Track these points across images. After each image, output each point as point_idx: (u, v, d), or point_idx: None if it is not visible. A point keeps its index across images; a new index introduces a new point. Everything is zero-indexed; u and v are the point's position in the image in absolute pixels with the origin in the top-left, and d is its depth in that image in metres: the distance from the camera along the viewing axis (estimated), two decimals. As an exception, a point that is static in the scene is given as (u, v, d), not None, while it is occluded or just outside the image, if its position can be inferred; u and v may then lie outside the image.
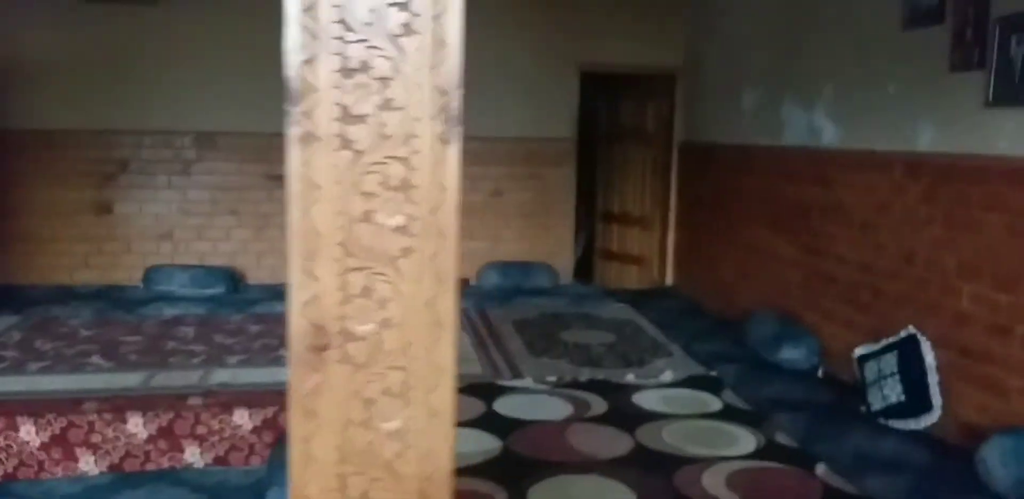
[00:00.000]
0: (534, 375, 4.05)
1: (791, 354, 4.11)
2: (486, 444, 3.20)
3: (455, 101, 0.99)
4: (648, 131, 6.25)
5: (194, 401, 3.65)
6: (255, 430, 3.61)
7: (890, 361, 3.33)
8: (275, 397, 3.70)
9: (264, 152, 5.25)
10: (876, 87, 3.64)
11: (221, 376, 4.01)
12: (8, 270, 5.43)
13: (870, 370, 3.46)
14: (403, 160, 1.00)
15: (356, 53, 0.96)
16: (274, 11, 1.11)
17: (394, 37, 0.96)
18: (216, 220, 5.63)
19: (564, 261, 6.12)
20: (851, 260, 3.85)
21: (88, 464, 3.48)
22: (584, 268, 6.72)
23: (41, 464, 3.43)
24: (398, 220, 1.01)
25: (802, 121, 4.33)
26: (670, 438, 3.30)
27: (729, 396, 3.82)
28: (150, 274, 5.56)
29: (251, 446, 3.60)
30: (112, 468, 3.51)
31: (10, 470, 3.39)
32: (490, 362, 4.30)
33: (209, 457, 3.58)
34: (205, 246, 5.66)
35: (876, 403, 3.35)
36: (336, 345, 1.04)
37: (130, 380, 3.92)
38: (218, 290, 5.57)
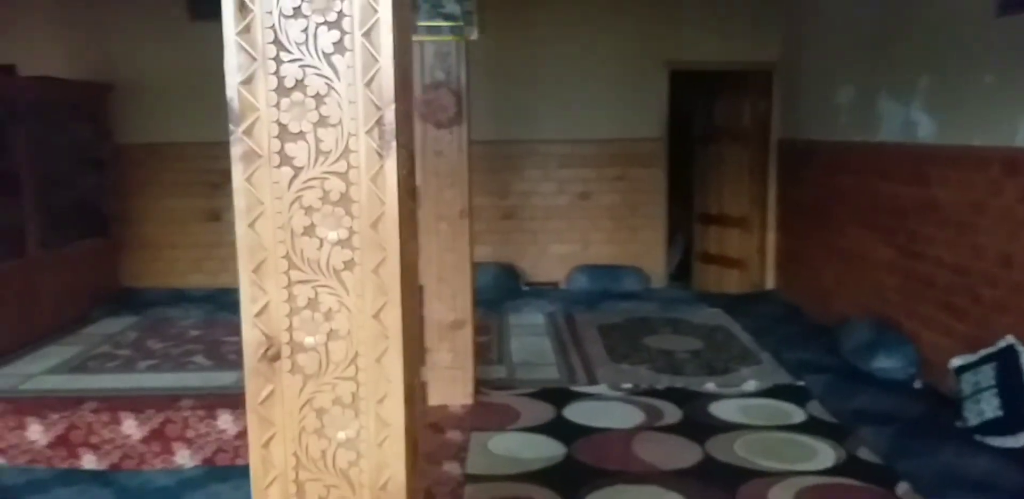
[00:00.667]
0: (610, 381, 4.00)
1: (886, 363, 3.87)
2: (550, 450, 3.19)
3: (389, 115, 1.00)
4: (745, 129, 6.03)
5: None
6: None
7: (987, 373, 3.07)
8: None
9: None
10: (972, 77, 3.37)
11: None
12: (129, 274, 5.87)
13: (967, 382, 3.20)
14: (341, 175, 1.02)
15: (291, 72, 0.99)
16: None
17: (327, 55, 0.98)
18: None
19: (655, 264, 6.00)
20: (948, 263, 3.58)
21: (183, 457, 3.71)
22: (685, 271, 6.56)
23: (142, 456, 3.68)
24: (340, 234, 1.03)
25: (898, 115, 4.06)
26: (743, 450, 3.18)
27: (814, 407, 3.63)
28: (255, 278, 5.87)
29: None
30: (205, 462, 3.73)
31: (115, 461, 3.66)
32: (568, 367, 4.28)
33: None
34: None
35: (972, 418, 3.10)
36: (286, 355, 1.07)
37: (225, 379, 4.15)
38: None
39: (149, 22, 5.53)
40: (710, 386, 3.93)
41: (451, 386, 3.65)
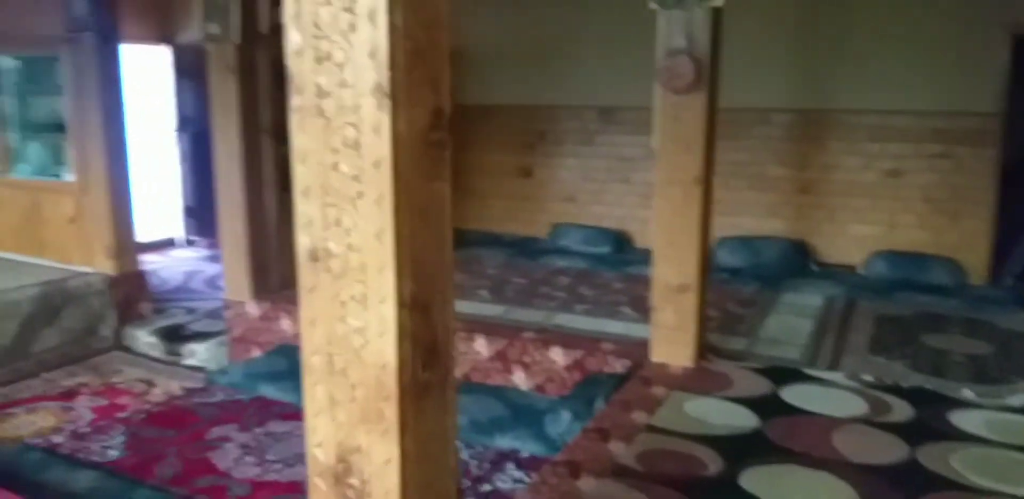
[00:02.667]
0: (851, 371, 3.78)
1: None
2: (742, 421, 3.20)
3: (385, 80, 1.28)
4: None
5: (527, 335, 4.31)
6: (567, 367, 4.13)
7: None
8: (589, 343, 4.16)
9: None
10: None
11: (560, 319, 4.61)
12: (457, 217, 6.82)
13: None
14: (354, 125, 1.33)
15: (323, 46, 1.32)
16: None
17: (344, 33, 1.30)
18: (610, 186, 6.24)
19: (975, 257, 5.28)
20: None
21: (446, 370, 4.39)
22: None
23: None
24: (353, 171, 1.35)
25: None
26: (958, 463, 2.86)
27: (1090, 437, 3.08)
28: (555, 230, 6.45)
29: (563, 380, 4.13)
30: (464, 377, 4.38)
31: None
32: (813, 350, 4.11)
33: (531, 383, 4.23)
34: (601, 209, 6.32)
35: None
36: (322, 258, 1.44)
37: (494, 310, 4.77)
38: (605, 249, 6.21)
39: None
40: (966, 393, 3.51)
41: (672, 347, 3.79)
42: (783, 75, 5.53)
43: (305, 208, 1.43)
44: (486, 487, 3.30)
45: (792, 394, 3.49)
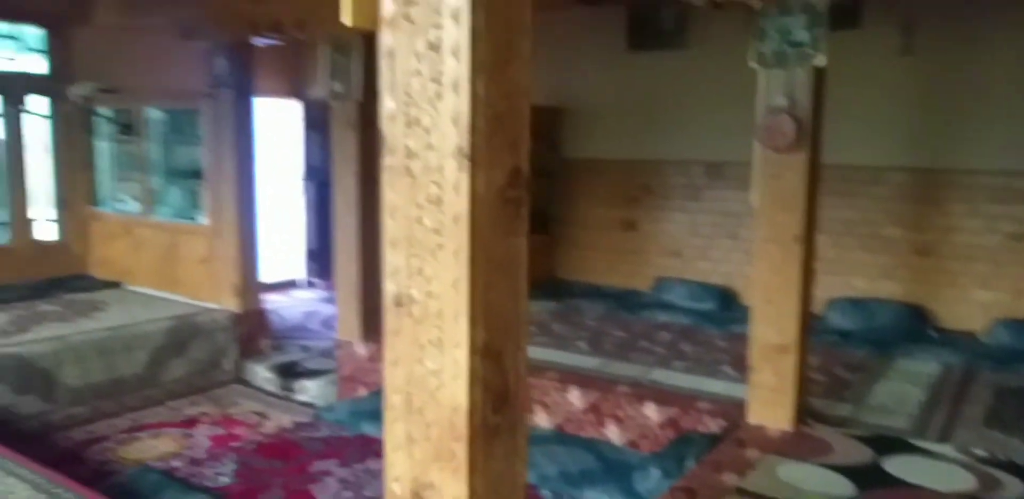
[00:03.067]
0: (961, 444, 3.56)
1: None
2: (837, 489, 3.08)
3: (466, 143, 1.41)
4: None
5: (622, 388, 4.31)
6: (660, 425, 4.09)
7: None
8: (684, 400, 4.12)
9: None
10: None
11: (657, 374, 4.58)
12: (559, 267, 6.93)
13: None
14: (437, 183, 1.46)
15: (414, 112, 1.47)
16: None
17: (432, 101, 1.44)
18: (717, 242, 6.18)
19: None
20: None
21: (542, 420, 4.44)
22: None
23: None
24: (435, 224, 1.48)
25: None
26: (1080, 550, 2.65)
27: None
28: (658, 284, 6.43)
29: (656, 437, 4.09)
30: (557, 427, 4.41)
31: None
32: (923, 420, 3.89)
33: (624, 437, 4.20)
34: (707, 265, 6.26)
35: None
36: (405, 304, 1.56)
37: (591, 362, 4.79)
38: (709, 305, 6.12)
39: (595, 54, 6.45)
40: (1094, 475, 3.24)
41: (770, 409, 3.70)
42: (897, 133, 5.39)
43: (392, 258, 1.56)
44: (569, 540, 3.30)
45: (895, 465, 3.33)
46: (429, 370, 1.54)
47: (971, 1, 5.08)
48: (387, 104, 1.51)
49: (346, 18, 1.56)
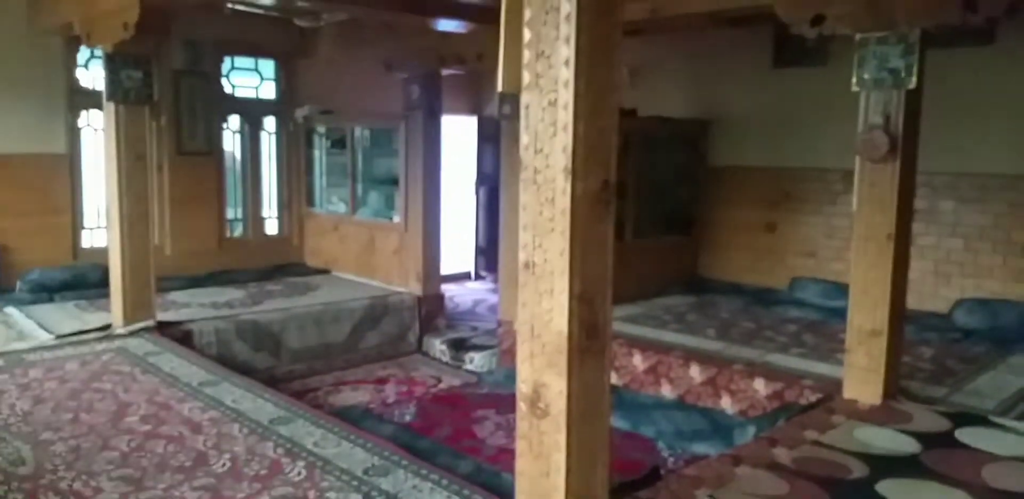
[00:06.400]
0: (1047, 424, 3.94)
1: None
2: (902, 447, 3.58)
3: (569, 164, 2.27)
4: None
5: (736, 366, 4.97)
6: (767, 396, 4.72)
7: None
8: (790, 378, 4.72)
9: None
10: None
11: (772, 358, 5.17)
12: (702, 266, 7.57)
13: None
14: (551, 189, 2.33)
15: (539, 144, 2.35)
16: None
17: (550, 137, 2.31)
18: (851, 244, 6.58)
19: None
20: None
21: (667, 390, 5.19)
22: None
23: (641, 383, 5.30)
24: (549, 215, 2.35)
25: None
26: (1114, 506, 3.07)
27: None
28: (793, 283, 6.93)
29: (763, 407, 4.72)
30: (679, 397, 5.14)
31: (624, 382, 5.36)
32: (1012, 403, 4.26)
33: (736, 408, 4.86)
34: (841, 266, 6.66)
35: None
36: (529, 266, 2.44)
37: (714, 346, 5.45)
38: (841, 303, 6.50)
39: (741, 70, 7.06)
40: None
41: (863, 386, 4.24)
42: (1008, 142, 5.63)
43: (523, 237, 2.45)
44: (676, 479, 4.04)
45: (966, 434, 3.78)
46: (544, 309, 2.43)
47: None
48: (523, 138, 2.41)
49: (501, 86, 2.46)
